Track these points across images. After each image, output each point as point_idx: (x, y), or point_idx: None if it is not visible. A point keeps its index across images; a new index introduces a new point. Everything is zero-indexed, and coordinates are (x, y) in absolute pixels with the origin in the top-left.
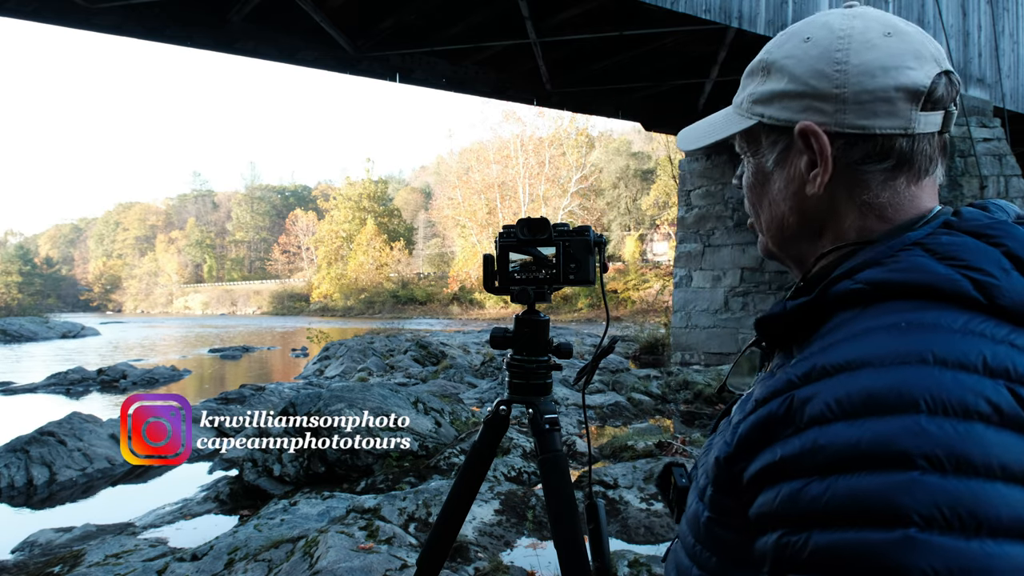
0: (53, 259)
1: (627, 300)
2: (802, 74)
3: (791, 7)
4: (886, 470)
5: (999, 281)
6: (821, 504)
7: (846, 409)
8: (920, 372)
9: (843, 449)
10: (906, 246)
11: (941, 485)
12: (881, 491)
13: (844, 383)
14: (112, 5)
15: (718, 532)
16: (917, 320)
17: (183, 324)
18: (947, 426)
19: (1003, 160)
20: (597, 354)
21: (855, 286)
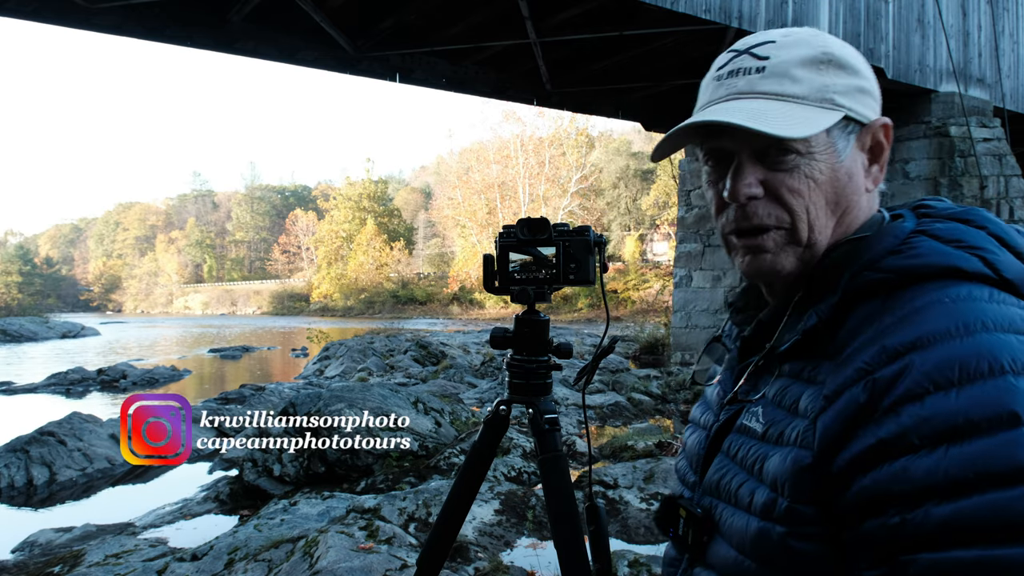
0: (53, 259)
1: (627, 300)
2: (867, 74)
3: (791, 7)
4: (996, 431)
5: (1000, 257)
6: (938, 476)
7: (937, 381)
8: (990, 339)
9: (946, 419)
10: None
11: None
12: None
13: (925, 358)
14: (112, 5)
15: (797, 546)
16: (955, 295)
17: (183, 324)
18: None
19: (1003, 160)
20: (597, 354)
21: (880, 276)
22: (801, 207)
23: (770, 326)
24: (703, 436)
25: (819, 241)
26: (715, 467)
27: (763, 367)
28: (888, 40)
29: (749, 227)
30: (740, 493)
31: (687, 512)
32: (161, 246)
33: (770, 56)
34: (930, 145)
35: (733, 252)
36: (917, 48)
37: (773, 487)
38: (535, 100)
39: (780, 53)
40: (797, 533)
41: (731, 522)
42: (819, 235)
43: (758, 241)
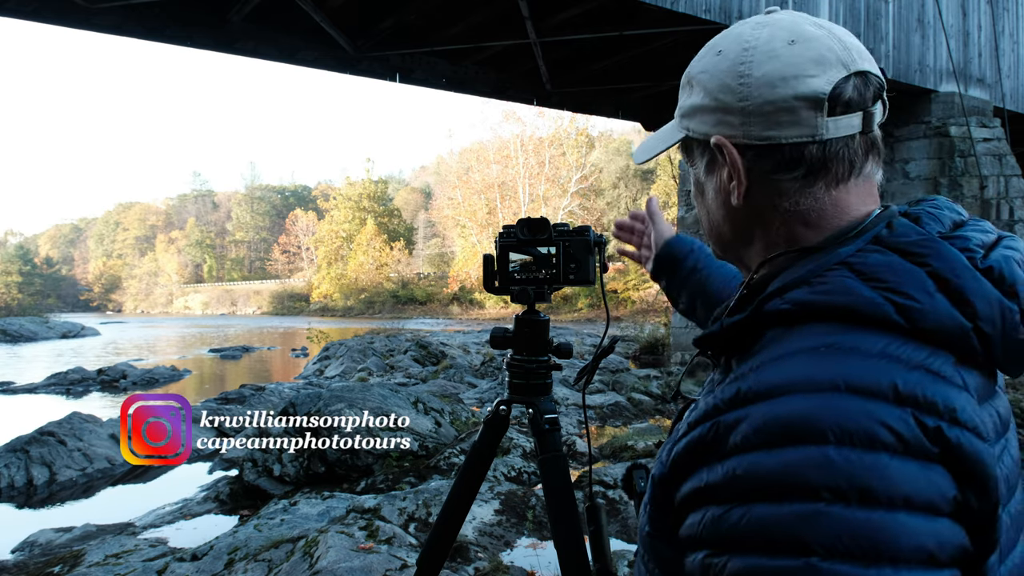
0: (53, 259)
1: (627, 300)
2: (713, 88)
3: (791, 7)
4: (793, 500)
5: (922, 305)
6: (738, 530)
7: (764, 438)
8: (831, 400)
9: (759, 478)
10: (833, 266)
11: (843, 516)
12: (788, 520)
13: (763, 411)
14: (112, 5)
15: (657, 546)
16: (836, 343)
17: (183, 324)
18: (852, 456)
19: (1003, 160)
20: (597, 354)
21: (783, 306)
22: (701, 213)
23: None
24: None
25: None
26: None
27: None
28: (888, 40)
29: None
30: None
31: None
32: (161, 246)
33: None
34: (930, 145)
35: None
36: (917, 48)
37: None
38: (535, 100)
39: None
40: (656, 535)
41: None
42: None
43: None
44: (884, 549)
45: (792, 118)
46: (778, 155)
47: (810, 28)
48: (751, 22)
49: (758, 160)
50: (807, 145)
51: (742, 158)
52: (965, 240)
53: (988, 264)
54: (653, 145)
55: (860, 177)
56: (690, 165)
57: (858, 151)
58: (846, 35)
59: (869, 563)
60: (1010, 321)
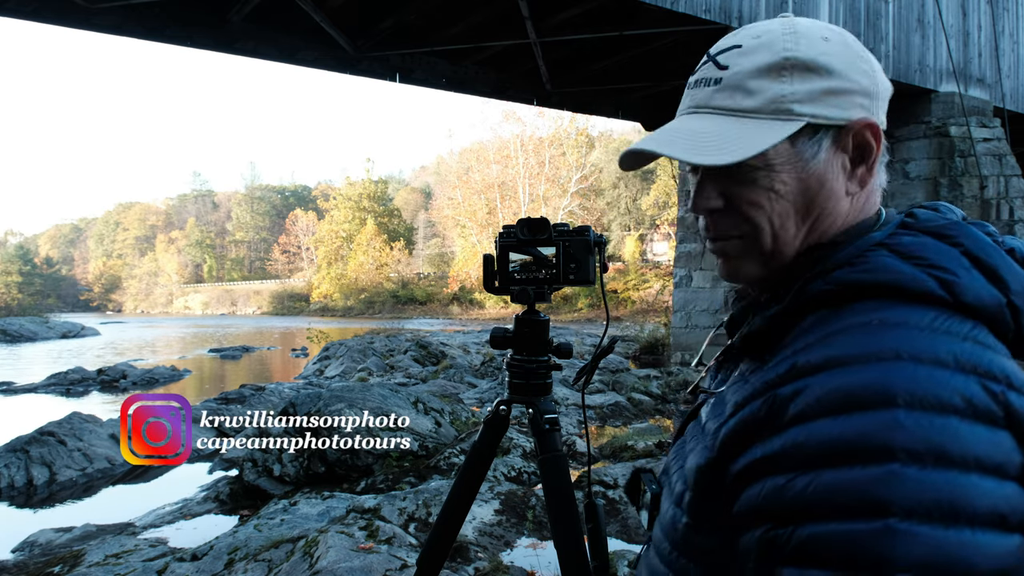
0: (53, 259)
1: (627, 300)
2: (846, 71)
3: (791, 7)
4: (867, 463)
5: (961, 279)
6: (805, 498)
7: (827, 406)
8: (896, 368)
9: (826, 444)
10: (872, 247)
11: (920, 477)
12: (863, 483)
13: (824, 381)
14: (112, 5)
15: (696, 539)
16: (886, 318)
17: (183, 324)
18: (924, 420)
19: (1003, 160)
20: (597, 354)
21: (827, 287)
22: (762, 218)
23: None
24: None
25: (784, 250)
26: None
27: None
28: (888, 40)
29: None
30: (673, 479)
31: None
32: (161, 246)
33: (729, 65)
34: (930, 145)
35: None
36: (917, 48)
37: (686, 479)
38: (535, 100)
39: (740, 61)
40: (697, 527)
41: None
42: (784, 244)
43: (721, 246)
44: (961, 509)
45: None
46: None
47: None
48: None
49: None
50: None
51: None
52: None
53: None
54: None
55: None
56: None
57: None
58: None
59: (948, 523)
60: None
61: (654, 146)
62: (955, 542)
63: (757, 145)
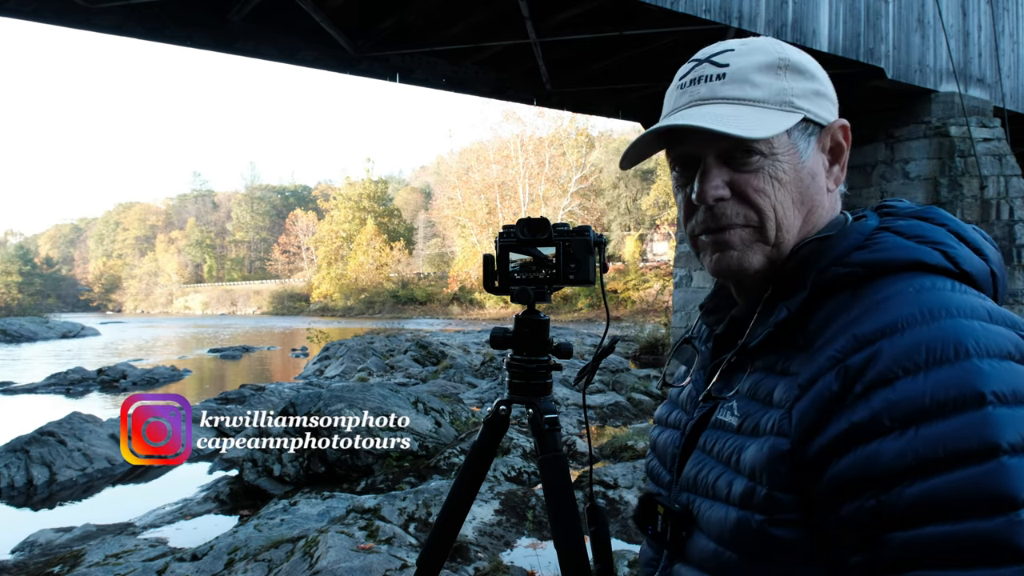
0: (53, 259)
1: (627, 300)
2: (823, 78)
3: (791, 7)
4: (964, 411)
5: (959, 251)
6: (908, 457)
7: (905, 365)
8: (955, 324)
9: (915, 401)
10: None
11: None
12: (966, 429)
13: (894, 343)
14: (112, 5)
15: (776, 533)
16: (920, 286)
17: (183, 324)
18: (998, 366)
19: (1003, 160)
20: (597, 354)
21: (847, 270)
22: (768, 206)
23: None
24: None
25: (786, 240)
26: (692, 463)
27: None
28: (888, 40)
29: (717, 227)
30: (718, 485)
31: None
32: (161, 246)
33: (730, 63)
34: (930, 145)
35: (702, 252)
36: (917, 48)
37: (751, 476)
38: (535, 100)
39: (739, 60)
40: (775, 520)
41: (709, 515)
42: (787, 233)
43: (725, 237)
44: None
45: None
46: None
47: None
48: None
49: None
50: None
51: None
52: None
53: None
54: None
55: None
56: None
57: None
58: None
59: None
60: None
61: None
62: None
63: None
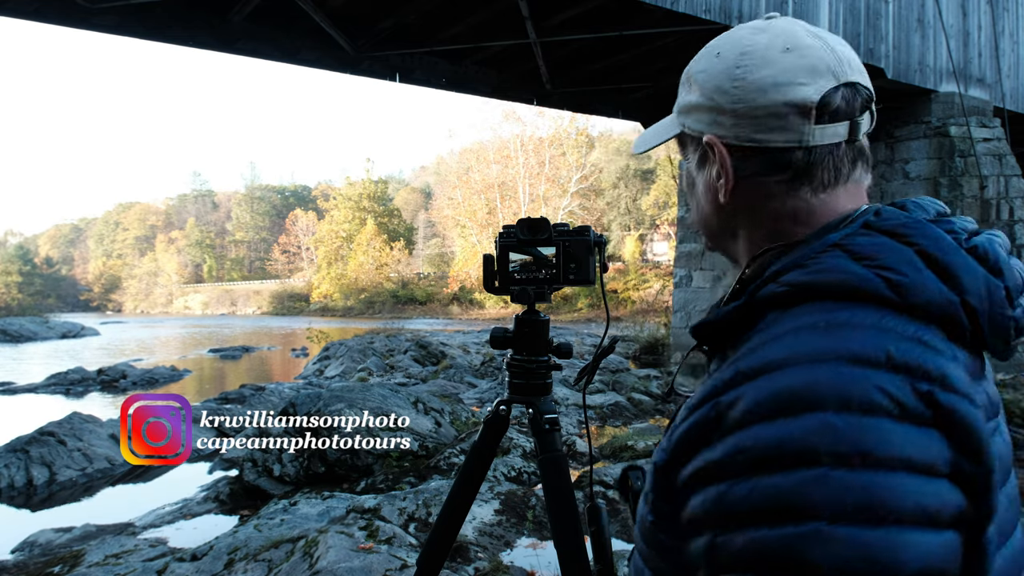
0: (53, 259)
1: (627, 300)
2: (709, 89)
3: (791, 7)
4: (797, 468)
5: (911, 280)
6: (744, 505)
7: (763, 411)
8: (828, 370)
9: (761, 450)
10: (826, 248)
11: (847, 479)
12: (793, 488)
13: (762, 386)
14: (112, 5)
15: (660, 536)
16: (831, 319)
17: (183, 324)
18: (852, 421)
19: (1003, 160)
20: (597, 354)
21: (779, 289)
22: (692, 205)
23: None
24: None
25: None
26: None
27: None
28: (888, 40)
29: None
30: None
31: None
32: (161, 246)
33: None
34: (930, 145)
35: None
36: (917, 48)
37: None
38: (535, 100)
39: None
40: (659, 525)
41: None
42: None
43: None
44: (889, 510)
45: (781, 123)
46: (766, 158)
47: (806, 37)
48: (750, 26)
49: (746, 161)
50: (794, 150)
51: (731, 158)
52: (950, 223)
53: (972, 244)
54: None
55: (848, 183)
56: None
57: (844, 158)
58: (840, 45)
59: (875, 524)
60: (996, 296)
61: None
62: (881, 542)
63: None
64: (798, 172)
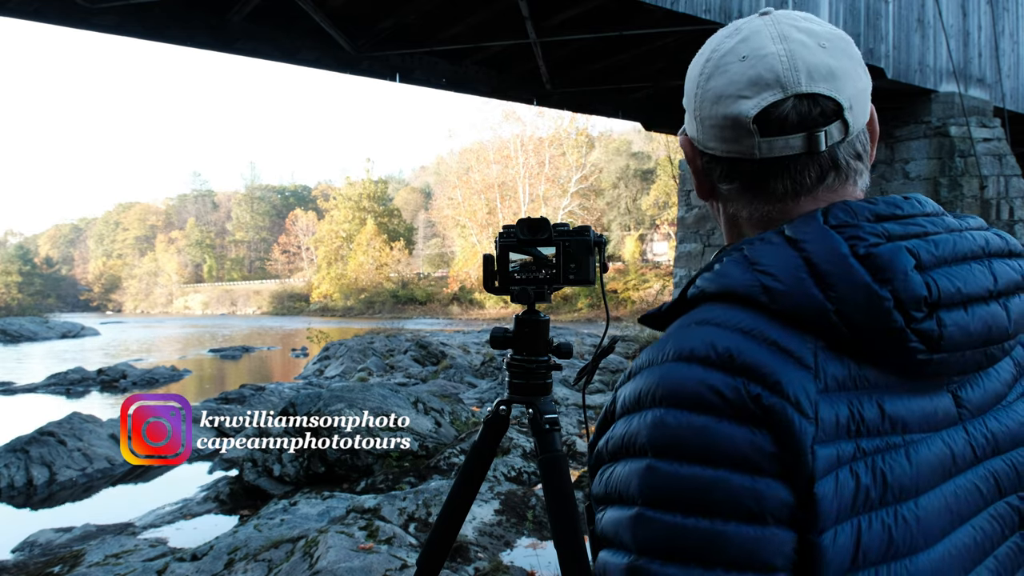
0: (53, 259)
1: (627, 300)
2: (686, 91)
3: (791, 7)
4: (632, 457)
5: (784, 286)
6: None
7: (629, 404)
8: (671, 369)
9: (617, 440)
10: (732, 252)
11: (668, 470)
12: (625, 476)
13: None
14: (112, 5)
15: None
16: (705, 319)
17: (183, 324)
18: (682, 417)
19: (1003, 160)
20: (597, 354)
21: (693, 291)
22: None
23: None
24: None
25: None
26: None
27: None
28: (888, 40)
29: None
30: None
31: None
32: (161, 246)
33: None
34: (930, 145)
35: None
36: (917, 48)
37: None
38: (535, 100)
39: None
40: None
41: None
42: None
43: None
44: (702, 502)
45: (729, 134)
46: (720, 165)
47: (768, 43)
48: (732, 26)
49: (709, 165)
50: (742, 161)
51: (701, 159)
52: (856, 229)
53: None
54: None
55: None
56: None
57: (805, 170)
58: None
59: (688, 514)
60: (878, 307)
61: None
62: (693, 529)
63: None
64: (747, 183)
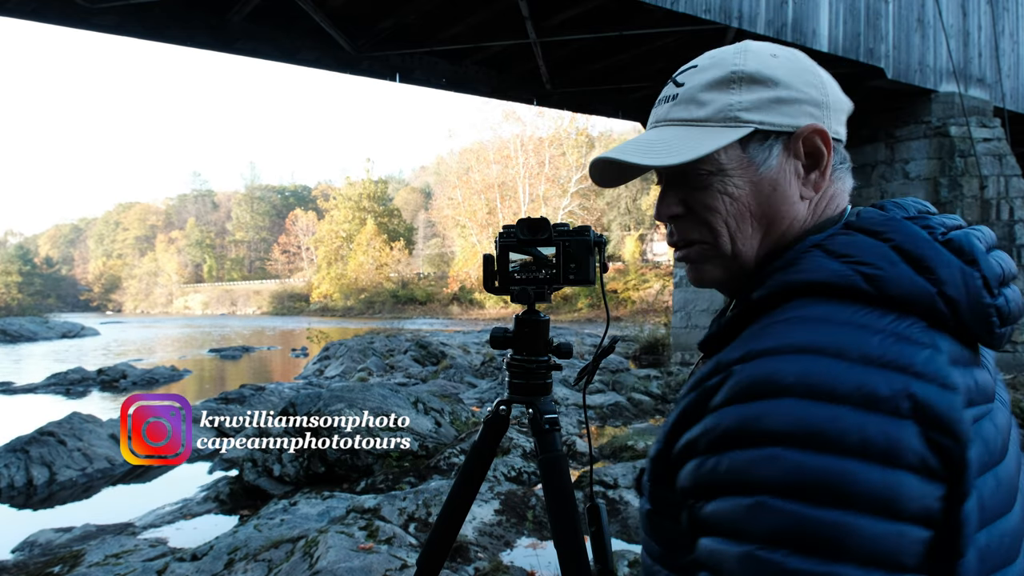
0: (53, 259)
1: (627, 300)
2: (792, 82)
3: (791, 7)
4: (754, 446)
5: (886, 272)
6: (710, 476)
7: (735, 395)
8: (797, 360)
9: (727, 429)
10: (807, 249)
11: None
12: (745, 463)
13: (738, 372)
14: (112, 5)
15: (657, 521)
16: (807, 315)
17: (183, 324)
18: (813, 408)
19: (1003, 160)
20: (597, 354)
21: (764, 292)
22: (719, 222)
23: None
24: None
25: (744, 252)
26: None
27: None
28: (888, 40)
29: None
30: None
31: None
32: (161, 246)
33: (685, 83)
34: (930, 145)
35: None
36: (917, 48)
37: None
38: (535, 100)
39: (693, 79)
40: (657, 511)
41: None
42: (743, 246)
43: (685, 252)
44: (834, 493)
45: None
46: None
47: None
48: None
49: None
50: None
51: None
52: (927, 220)
53: (948, 238)
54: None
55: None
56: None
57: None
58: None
59: (818, 504)
60: (972, 286)
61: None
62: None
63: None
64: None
